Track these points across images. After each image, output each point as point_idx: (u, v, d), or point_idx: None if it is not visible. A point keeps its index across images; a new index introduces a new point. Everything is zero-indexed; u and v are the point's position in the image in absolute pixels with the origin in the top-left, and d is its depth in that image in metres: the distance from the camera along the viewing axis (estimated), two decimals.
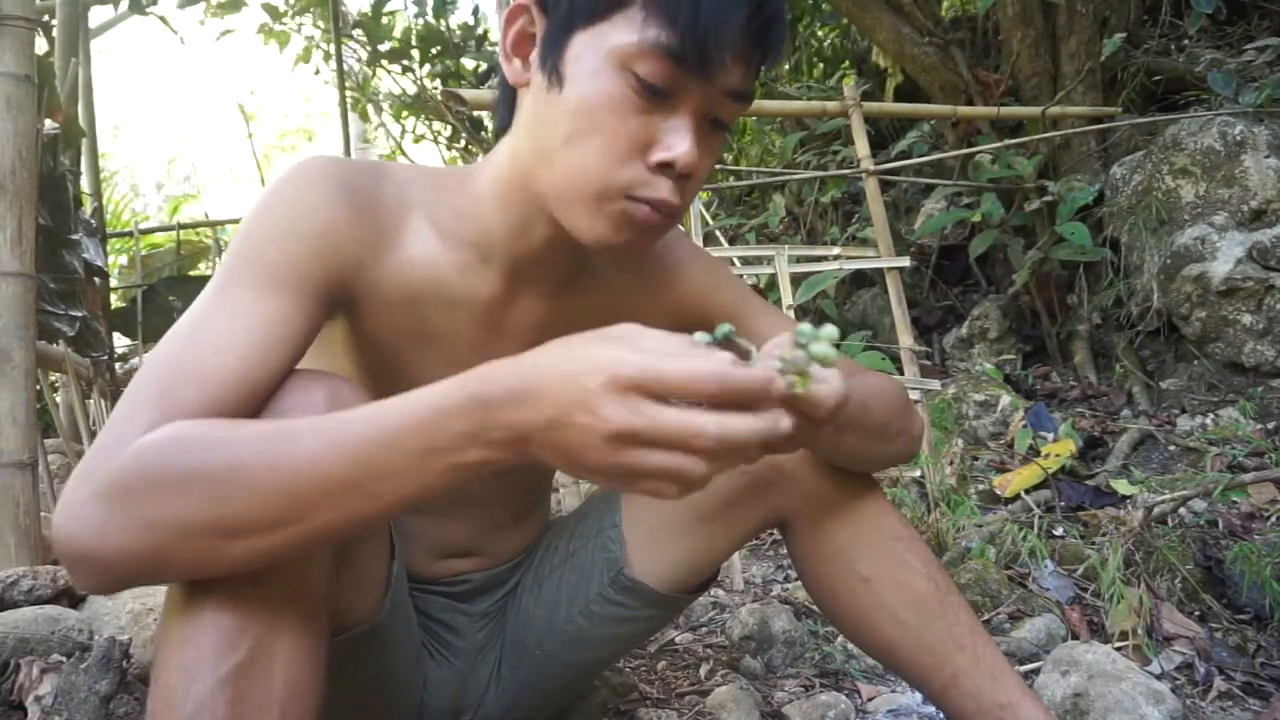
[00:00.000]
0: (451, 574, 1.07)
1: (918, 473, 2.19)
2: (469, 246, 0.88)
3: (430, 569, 1.06)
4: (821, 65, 4.64)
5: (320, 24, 4.81)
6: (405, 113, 5.06)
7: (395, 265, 0.85)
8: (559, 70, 0.78)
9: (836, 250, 2.35)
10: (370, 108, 5.19)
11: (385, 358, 0.90)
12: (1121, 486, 2.09)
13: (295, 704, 0.69)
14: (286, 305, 0.76)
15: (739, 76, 0.78)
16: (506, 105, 0.88)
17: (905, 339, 2.20)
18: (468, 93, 1.98)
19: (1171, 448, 2.35)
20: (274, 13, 4.71)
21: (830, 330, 0.68)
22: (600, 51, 0.76)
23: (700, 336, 0.65)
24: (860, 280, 3.78)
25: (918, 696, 1.30)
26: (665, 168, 0.77)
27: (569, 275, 0.93)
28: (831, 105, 2.50)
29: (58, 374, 2.72)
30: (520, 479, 1.07)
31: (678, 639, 1.60)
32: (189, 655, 0.66)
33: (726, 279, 1.04)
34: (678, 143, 0.76)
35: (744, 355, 0.67)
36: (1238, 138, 2.56)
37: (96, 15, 3.31)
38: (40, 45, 1.90)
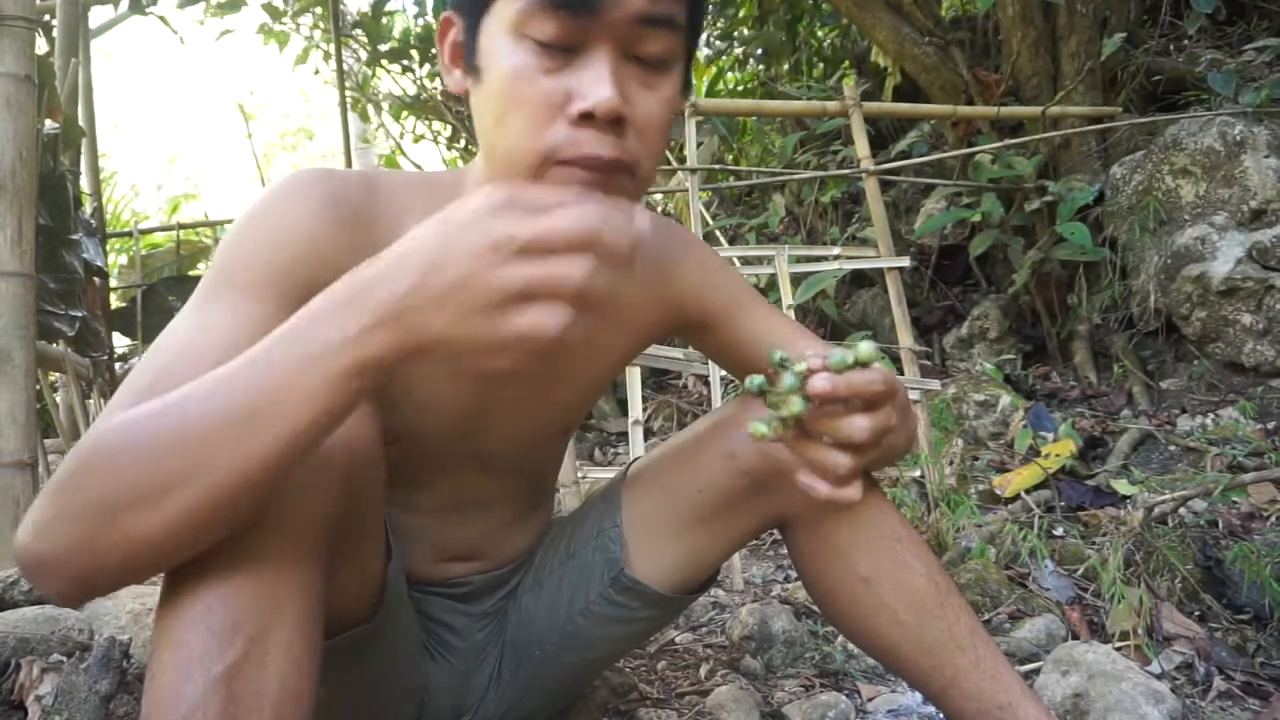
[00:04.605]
0: (453, 577, 1.07)
1: (918, 473, 2.19)
2: None
3: (433, 572, 1.05)
4: (821, 65, 4.63)
5: (320, 24, 4.80)
6: (405, 113, 5.06)
7: None
8: (476, 64, 0.79)
9: (836, 250, 2.35)
10: (370, 108, 5.19)
11: None
12: (1121, 486, 2.09)
13: (290, 705, 0.68)
14: (266, 316, 0.75)
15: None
16: None
17: (905, 339, 2.20)
18: None
19: (1171, 448, 2.34)
20: (274, 13, 4.70)
21: (867, 348, 0.71)
22: (500, 30, 0.76)
23: (751, 382, 0.72)
24: (860, 280, 3.78)
25: (918, 696, 1.30)
26: (587, 119, 0.74)
27: None
28: (831, 105, 2.50)
29: (58, 374, 2.72)
30: (522, 479, 1.07)
31: (678, 639, 1.60)
32: (181, 655, 0.65)
33: (723, 272, 1.04)
34: (591, 89, 0.73)
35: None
36: (1238, 138, 2.56)
37: (96, 15, 3.31)
38: (40, 45, 1.90)
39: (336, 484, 0.73)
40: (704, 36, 4.98)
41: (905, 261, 2.29)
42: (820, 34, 4.63)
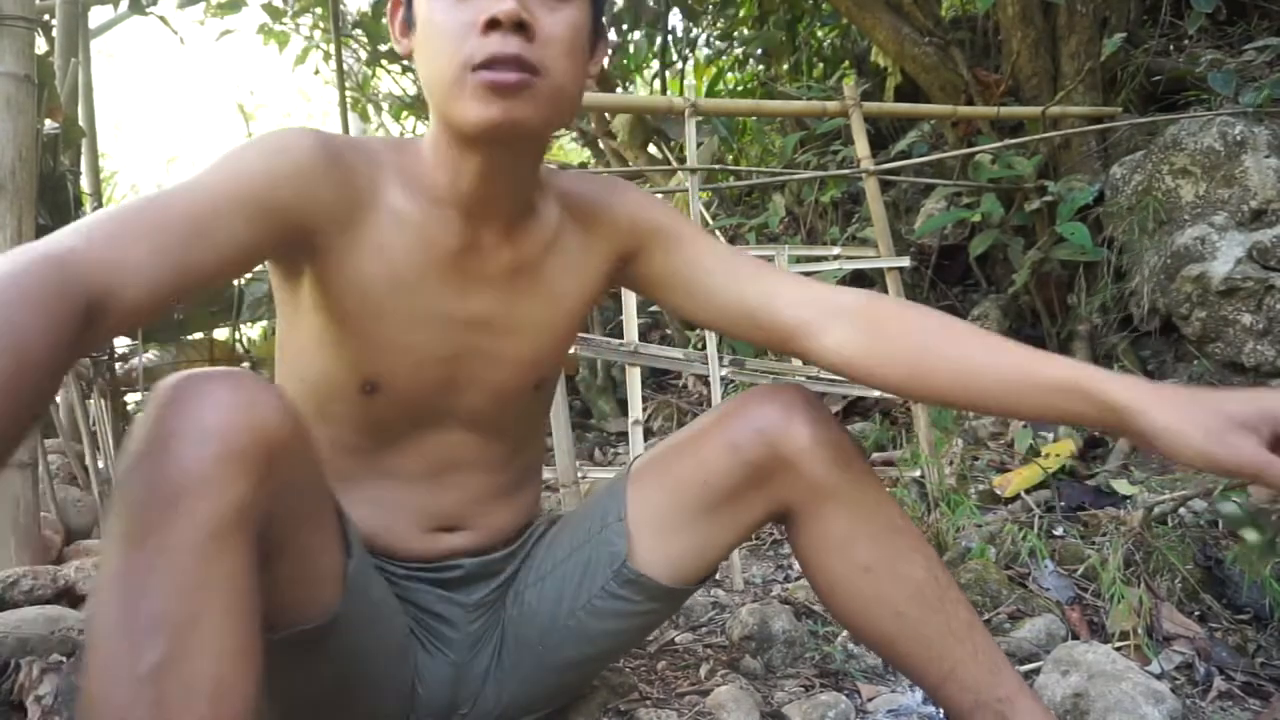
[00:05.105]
0: (441, 552, 1.07)
1: (918, 473, 2.19)
2: (430, 199, 0.95)
3: (420, 545, 1.06)
4: (821, 65, 4.63)
5: (320, 24, 4.80)
6: (405, 113, 5.06)
7: (373, 223, 0.93)
8: (413, 19, 0.91)
9: (836, 250, 2.35)
10: (370, 108, 5.19)
11: (364, 310, 0.94)
12: (1121, 486, 2.09)
13: (226, 702, 0.67)
14: (239, 219, 0.82)
15: None
16: None
17: None
18: None
19: None
20: (274, 13, 4.70)
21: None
22: None
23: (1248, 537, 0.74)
24: (860, 280, 3.76)
25: (918, 696, 1.30)
26: (494, 26, 0.83)
27: (519, 215, 0.99)
28: (831, 105, 2.50)
29: None
30: (500, 441, 1.07)
31: (678, 639, 1.60)
32: (104, 657, 0.65)
33: (656, 205, 1.10)
34: (495, 3, 0.83)
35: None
36: (1238, 138, 2.56)
37: (96, 15, 3.31)
38: (40, 45, 1.90)
39: (248, 472, 0.72)
40: (704, 36, 4.99)
41: (905, 261, 2.29)
42: (820, 34, 4.63)
